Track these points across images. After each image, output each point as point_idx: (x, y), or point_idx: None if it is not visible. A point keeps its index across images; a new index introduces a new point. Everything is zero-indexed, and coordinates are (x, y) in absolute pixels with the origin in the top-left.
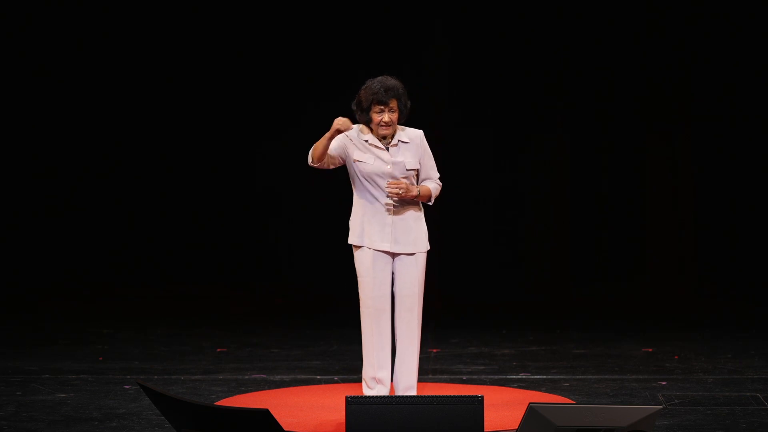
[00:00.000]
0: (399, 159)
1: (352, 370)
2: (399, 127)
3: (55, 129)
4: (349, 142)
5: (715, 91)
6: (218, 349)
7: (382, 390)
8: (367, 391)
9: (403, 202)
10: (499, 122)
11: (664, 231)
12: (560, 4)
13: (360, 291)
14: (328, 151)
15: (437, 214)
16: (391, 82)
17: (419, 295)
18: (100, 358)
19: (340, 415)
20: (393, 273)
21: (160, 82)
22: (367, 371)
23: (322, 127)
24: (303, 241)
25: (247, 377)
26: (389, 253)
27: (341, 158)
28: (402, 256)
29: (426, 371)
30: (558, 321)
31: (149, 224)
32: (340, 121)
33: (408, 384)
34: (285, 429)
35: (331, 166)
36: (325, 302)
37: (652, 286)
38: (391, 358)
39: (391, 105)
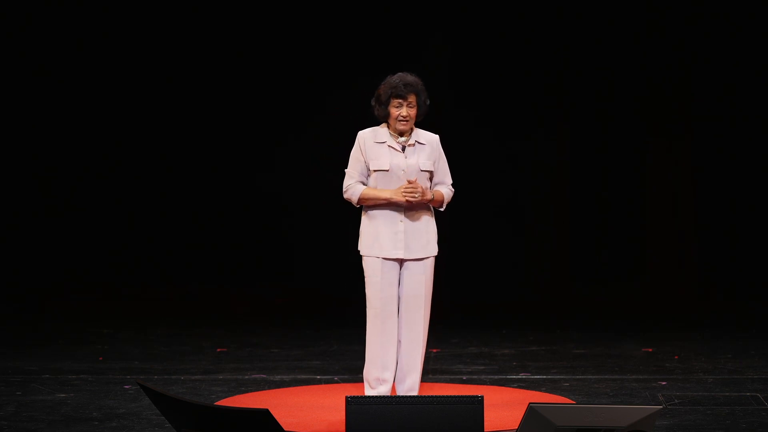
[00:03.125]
0: (413, 161)
1: (352, 370)
2: (416, 128)
3: (55, 129)
4: (363, 155)
5: (715, 91)
6: (218, 349)
7: (385, 389)
8: (369, 392)
9: (414, 207)
10: (499, 122)
11: (664, 231)
12: (560, 4)
13: (367, 291)
14: (360, 178)
15: (438, 214)
16: (411, 78)
17: (425, 297)
18: (100, 358)
19: (340, 415)
20: (401, 275)
21: (160, 82)
22: (370, 372)
23: (320, 126)
24: (303, 241)
25: (247, 377)
26: (399, 259)
27: (367, 175)
28: (410, 261)
29: (426, 371)
30: (558, 321)
31: (149, 224)
32: (410, 196)
33: (410, 386)
34: (285, 429)
35: None
36: (325, 302)
37: (652, 287)
38: (395, 359)
39: (410, 100)
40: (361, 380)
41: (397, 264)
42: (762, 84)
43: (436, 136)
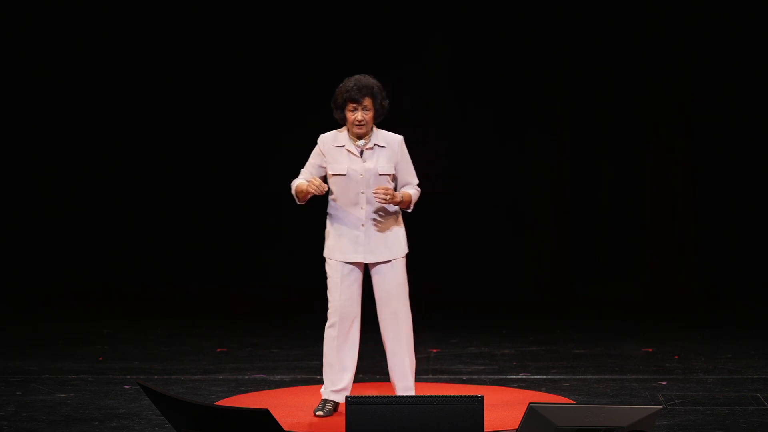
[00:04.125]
0: (371, 165)
1: (359, 370)
2: (377, 129)
3: (55, 129)
4: (322, 158)
5: (715, 91)
6: (218, 349)
7: (339, 388)
8: (323, 391)
9: (376, 211)
10: (499, 122)
11: (664, 231)
12: (560, 4)
13: (328, 294)
14: (308, 179)
15: (440, 214)
16: (366, 80)
17: (401, 297)
18: (100, 358)
19: (340, 415)
20: (372, 281)
21: (159, 82)
22: (325, 372)
23: (321, 127)
24: (303, 242)
25: (247, 377)
26: (363, 264)
27: (321, 178)
28: (378, 265)
29: (426, 371)
30: (558, 321)
31: (149, 224)
32: (313, 187)
33: (405, 385)
34: (285, 429)
35: None
36: (325, 302)
37: (652, 286)
38: (353, 361)
39: (364, 103)
40: (360, 380)
41: (360, 268)
42: (762, 84)
43: (399, 137)
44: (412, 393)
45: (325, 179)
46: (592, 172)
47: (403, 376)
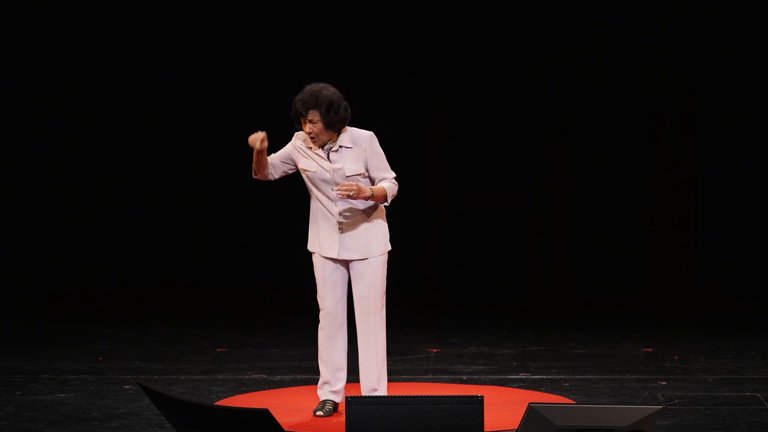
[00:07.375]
0: (338, 166)
1: (351, 371)
2: (345, 129)
3: (55, 129)
4: (294, 151)
5: (715, 91)
6: (218, 349)
7: (336, 388)
8: (318, 391)
9: (353, 208)
10: (499, 123)
11: (665, 231)
12: (561, 4)
13: (317, 292)
14: (274, 161)
15: (441, 214)
16: (313, 93)
17: (376, 297)
18: (100, 358)
19: (340, 415)
20: (349, 278)
21: (159, 81)
22: (320, 371)
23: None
24: (303, 242)
25: (247, 377)
26: (341, 260)
27: (289, 167)
28: (354, 262)
29: (426, 371)
30: (558, 321)
31: (149, 224)
32: (250, 139)
33: (371, 386)
34: (285, 429)
35: (275, 177)
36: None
37: (652, 286)
38: (344, 358)
39: (310, 117)
40: (356, 381)
41: (342, 264)
42: (763, 84)
43: (368, 134)
44: (381, 393)
45: (296, 172)
46: (593, 172)
47: (368, 378)
